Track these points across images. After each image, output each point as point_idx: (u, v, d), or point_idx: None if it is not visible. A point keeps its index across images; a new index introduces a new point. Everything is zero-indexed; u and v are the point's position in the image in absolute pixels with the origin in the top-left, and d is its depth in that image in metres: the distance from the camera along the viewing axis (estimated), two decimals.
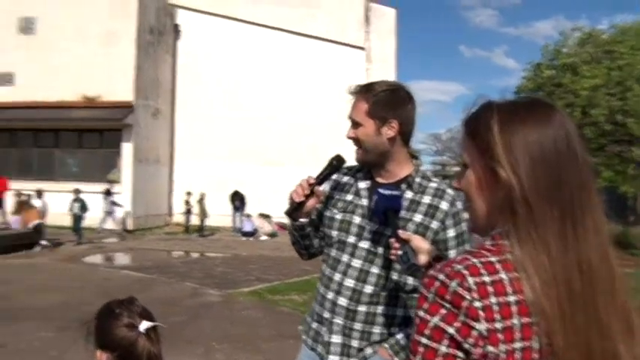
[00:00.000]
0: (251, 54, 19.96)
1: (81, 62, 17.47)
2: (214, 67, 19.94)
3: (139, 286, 8.52)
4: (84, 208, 13.44)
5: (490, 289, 0.84)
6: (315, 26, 20.02)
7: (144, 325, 1.45)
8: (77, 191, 13.70)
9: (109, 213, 15.49)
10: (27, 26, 18.34)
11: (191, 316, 6.80)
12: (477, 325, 0.82)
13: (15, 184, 15.67)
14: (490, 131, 0.92)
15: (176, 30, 20.47)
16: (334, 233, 1.88)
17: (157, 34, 19.29)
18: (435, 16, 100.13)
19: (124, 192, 17.07)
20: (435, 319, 0.85)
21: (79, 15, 17.62)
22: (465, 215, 1.74)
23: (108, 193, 15.58)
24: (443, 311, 0.84)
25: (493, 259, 0.88)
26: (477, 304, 0.83)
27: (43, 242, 12.27)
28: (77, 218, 13.33)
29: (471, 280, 0.84)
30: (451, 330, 0.83)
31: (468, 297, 0.83)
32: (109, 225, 15.42)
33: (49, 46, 17.90)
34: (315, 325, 1.91)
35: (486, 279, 0.85)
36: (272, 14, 19.79)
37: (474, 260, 0.87)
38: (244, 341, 5.84)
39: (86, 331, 1.50)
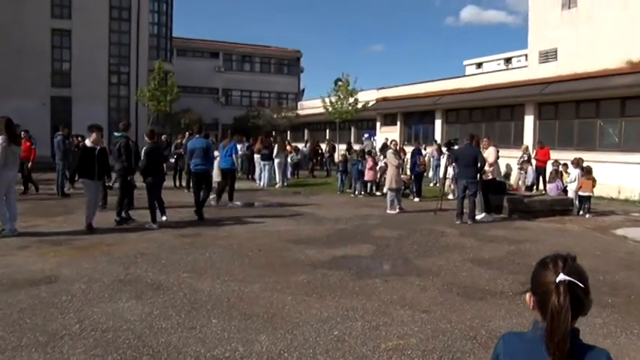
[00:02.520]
0: None
1: (624, 28, 16.63)
2: None
3: None
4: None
5: None
6: None
7: (560, 277, 1.53)
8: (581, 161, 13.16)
9: None
10: (570, 1, 18.77)
11: None
12: None
13: (555, 154, 16.54)
14: None
15: None
16: None
17: None
18: None
19: None
20: None
21: None
22: None
23: None
24: None
25: None
26: None
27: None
28: None
29: None
30: None
31: None
32: None
33: (590, 17, 17.87)
34: None
35: None
36: None
37: None
38: None
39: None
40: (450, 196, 14.97)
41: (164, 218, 10.25)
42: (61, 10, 30.64)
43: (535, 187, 16.91)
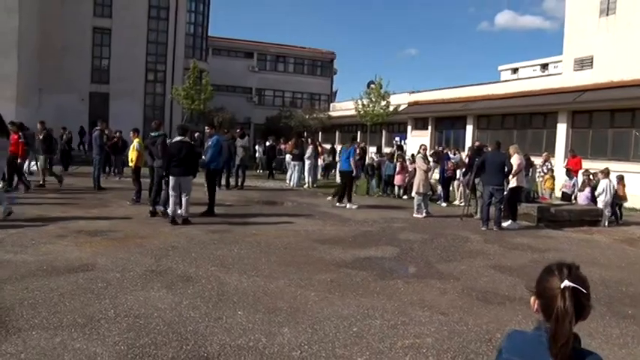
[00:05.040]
0: None
1: None
2: None
3: None
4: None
5: None
6: None
7: (565, 283, 1.66)
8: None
9: None
10: (609, 8, 18.51)
11: None
12: None
13: (588, 164, 16.36)
14: None
15: None
16: None
17: None
18: None
19: None
20: None
21: None
22: None
23: None
24: None
25: None
26: None
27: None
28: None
29: None
30: None
31: None
32: None
33: (629, 24, 17.60)
34: None
35: None
36: None
37: None
38: None
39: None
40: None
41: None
42: (102, 9, 31.60)
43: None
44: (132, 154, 12.84)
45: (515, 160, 11.63)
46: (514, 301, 6.00)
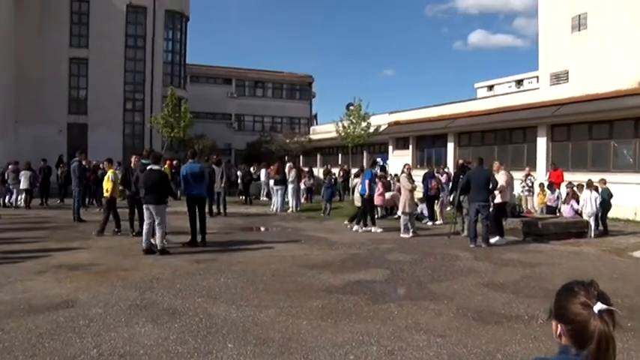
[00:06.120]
0: None
1: (635, 48, 16.68)
2: None
3: None
4: (604, 198, 12.97)
5: None
6: None
7: (598, 306, 1.53)
8: (603, 181, 13.31)
9: None
10: (580, 23, 18.89)
11: None
12: None
13: (569, 176, 16.48)
14: None
15: None
16: None
17: None
18: None
19: None
20: None
21: (628, 1, 16.95)
22: None
23: None
24: None
25: None
26: None
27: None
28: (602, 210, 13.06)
29: None
30: None
31: None
32: None
33: (600, 38, 17.96)
34: None
35: None
36: None
37: None
38: None
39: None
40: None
41: None
42: (79, 39, 31.39)
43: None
44: (107, 185, 12.50)
45: (502, 177, 11.63)
46: (511, 319, 5.86)
